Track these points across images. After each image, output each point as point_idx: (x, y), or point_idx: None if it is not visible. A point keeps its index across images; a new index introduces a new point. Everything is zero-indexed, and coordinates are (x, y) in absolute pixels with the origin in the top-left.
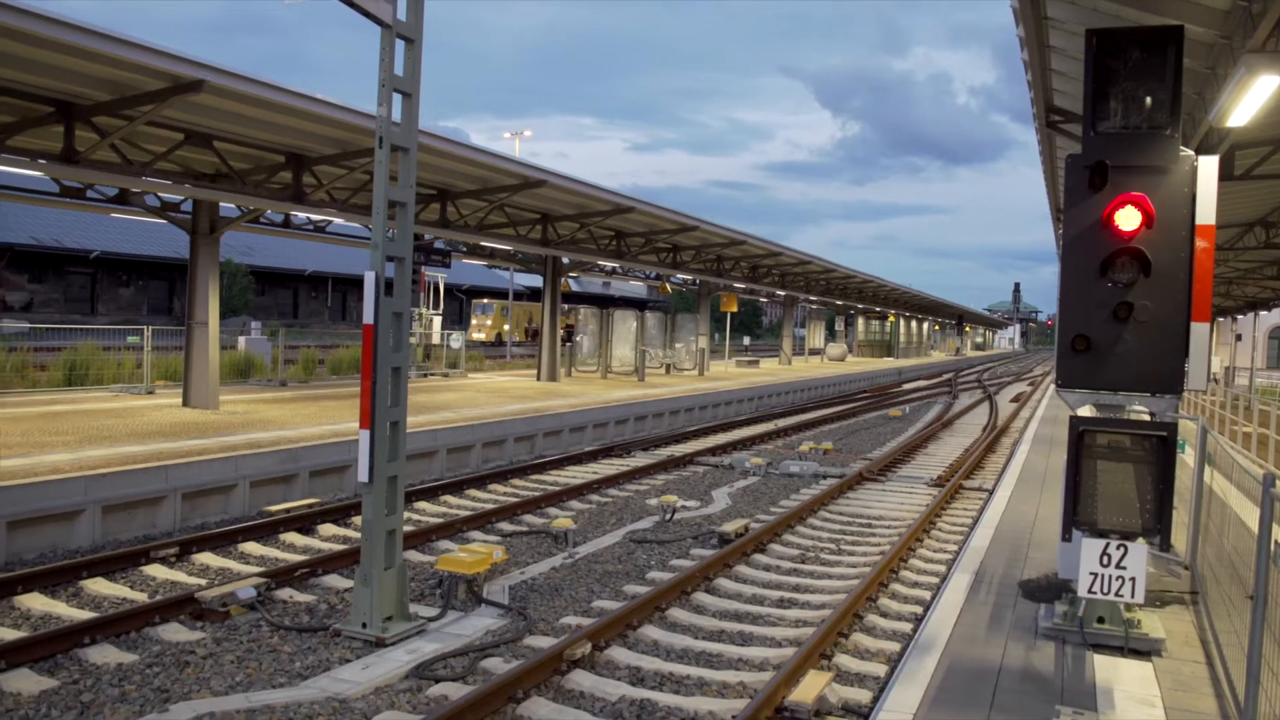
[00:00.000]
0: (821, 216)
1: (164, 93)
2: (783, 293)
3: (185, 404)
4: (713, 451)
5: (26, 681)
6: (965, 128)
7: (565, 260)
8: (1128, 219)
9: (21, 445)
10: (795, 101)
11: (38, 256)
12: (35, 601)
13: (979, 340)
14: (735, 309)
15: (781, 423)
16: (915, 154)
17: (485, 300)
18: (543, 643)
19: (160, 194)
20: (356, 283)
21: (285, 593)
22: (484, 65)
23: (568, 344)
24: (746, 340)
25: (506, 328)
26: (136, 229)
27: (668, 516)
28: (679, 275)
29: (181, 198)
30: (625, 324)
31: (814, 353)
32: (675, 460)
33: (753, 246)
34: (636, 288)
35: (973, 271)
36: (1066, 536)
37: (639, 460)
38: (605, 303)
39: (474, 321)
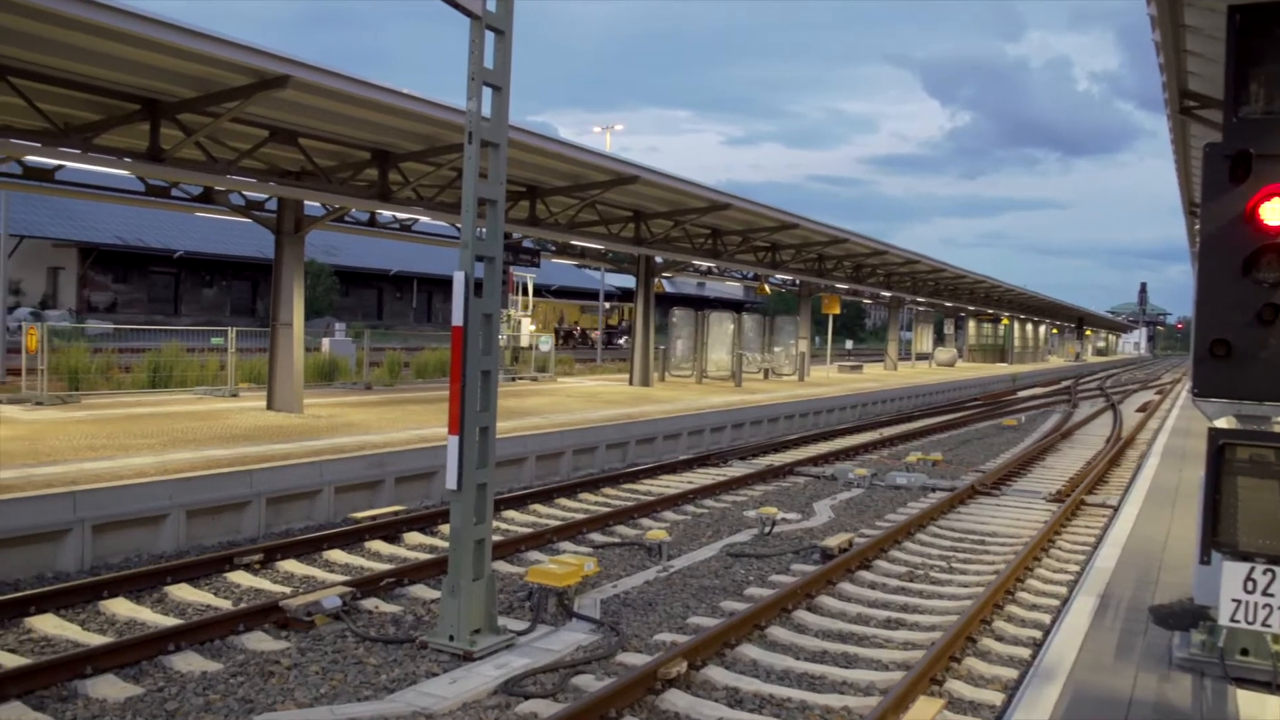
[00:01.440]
0: (928, 212)
1: (249, 89)
2: (888, 294)
3: (269, 407)
4: (814, 461)
5: (112, 688)
6: (1086, 116)
7: (658, 260)
8: (1274, 213)
9: (107, 448)
10: (901, 91)
11: (122, 256)
12: (120, 607)
13: (1100, 345)
14: (837, 311)
15: (887, 432)
16: (1030, 145)
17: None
18: (636, 660)
19: (244, 192)
20: (442, 283)
21: (371, 602)
22: (572, 57)
23: (609, 346)
24: (849, 344)
25: (532, 327)
26: (219, 228)
27: (767, 529)
28: (778, 275)
29: (266, 196)
30: (721, 326)
31: (921, 357)
32: (774, 470)
33: (856, 245)
34: (733, 289)
35: (1093, 271)
36: (1204, 559)
37: (736, 470)
38: (700, 304)
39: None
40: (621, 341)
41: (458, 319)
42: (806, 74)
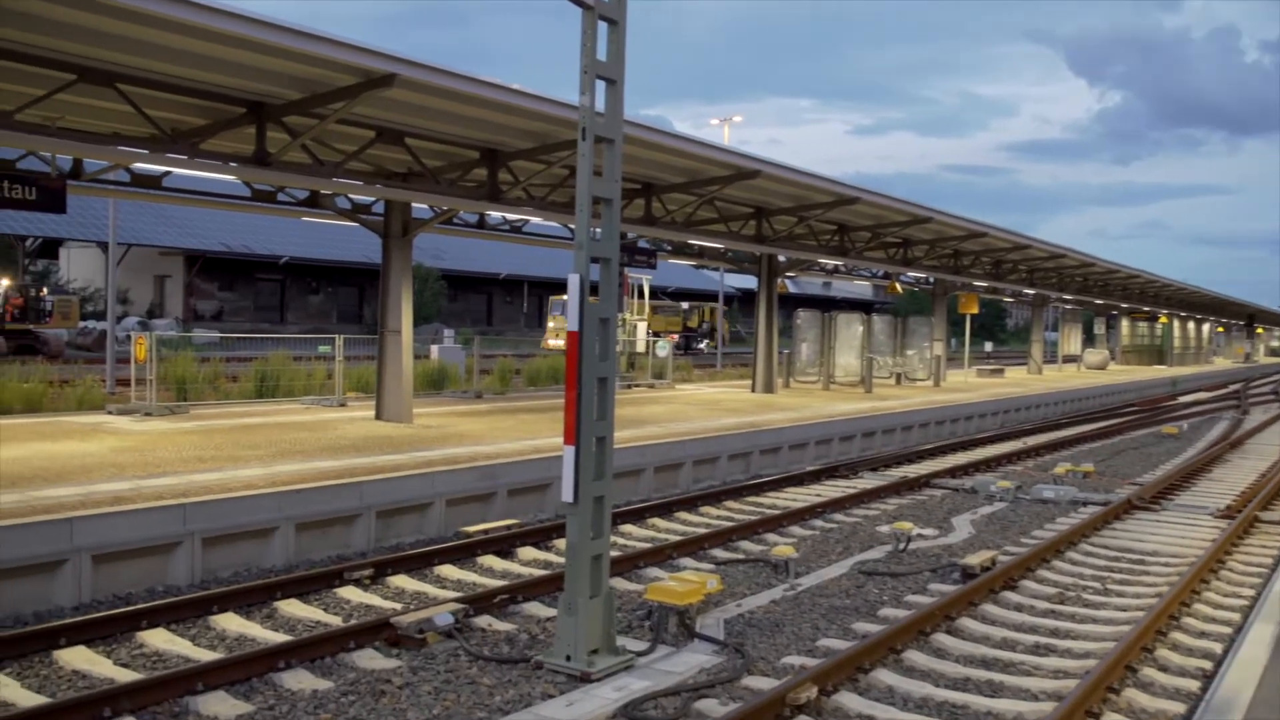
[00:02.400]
0: (1075, 202)
1: (355, 89)
2: (1031, 291)
3: (378, 417)
4: (952, 473)
5: (223, 705)
6: (1255, 91)
7: (781, 258)
8: None
9: (216, 459)
10: (1043, 70)
11: (227, 263)
12: (230, 622)
13: (1275, 344)
14: (975, 310)
15: (1032, 441)
16: (1191, 125)
17: (564, 298)
18: (763, 684)
19: (351, 195)
20: (554, 286)
21: (484, 620)
22: (688, 46)
23: (684, 351)
24: (988, 346)
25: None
26: (325, 233)
27: (901, 546)
28: (910, 273)
29: (372, 199)
30: (849, 329)
31: (1069, 360)
32: (909, 482)
33: (995, 239)
34: (861, 288)
35: (1265, 264)
36: None
37: (867, 482)
38: (826, 305)
39: (550, 325)
40: (702, 346)
41: (573, 324)
42: (938, 56)
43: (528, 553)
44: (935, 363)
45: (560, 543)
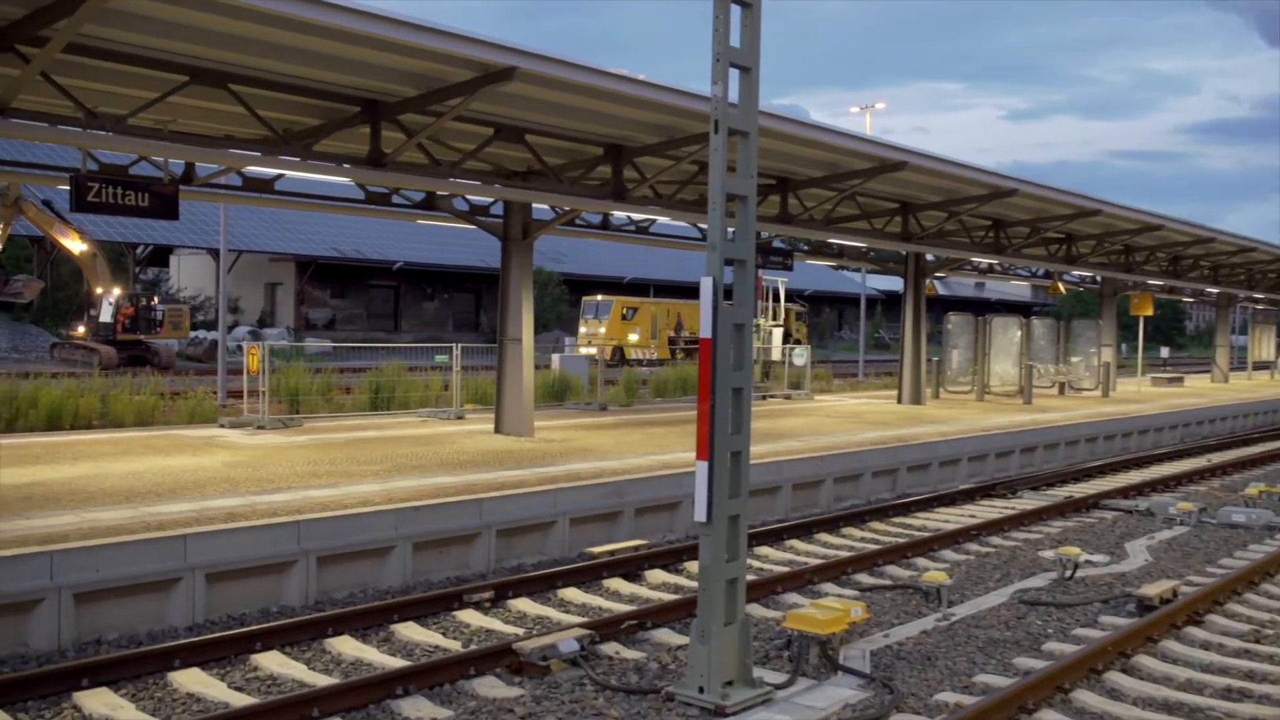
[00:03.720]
0: (1266, 189)
1: (472, 84)
2: (1214, 290)
3: (497, 430)
4: (1124, 493)
5: None
6: None
7: (930, 257)
8: None
9: (330, 474)
10: (1227, 40)
11: (339, 269)
12: (346, 645)
13: None
14: (1149, 312)
15: (1217, 458)
16: None
17: (599, 298)
18: None
19: (468, 196)
20: (682, 291)
21: (611, 647)
22: (823, 28)
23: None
24: (1165, 351)
25: (633, 337)
26: (440, 236)
27: (1067, 574)
28: (1074, 272)
29: (491, 199)
30: (1006, 334)
31: (1260, 366)
32: (1074, 503)
33: (1172, 232)
34: (1018, 289)
35: None
36: None
37: (1027, 502)
38: (979, 308)
39: (582, 330)
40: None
41: (706, 330)
42: (1104, 29)
43: (657, 575)
44: (1103, 370)
45: (692, 565)
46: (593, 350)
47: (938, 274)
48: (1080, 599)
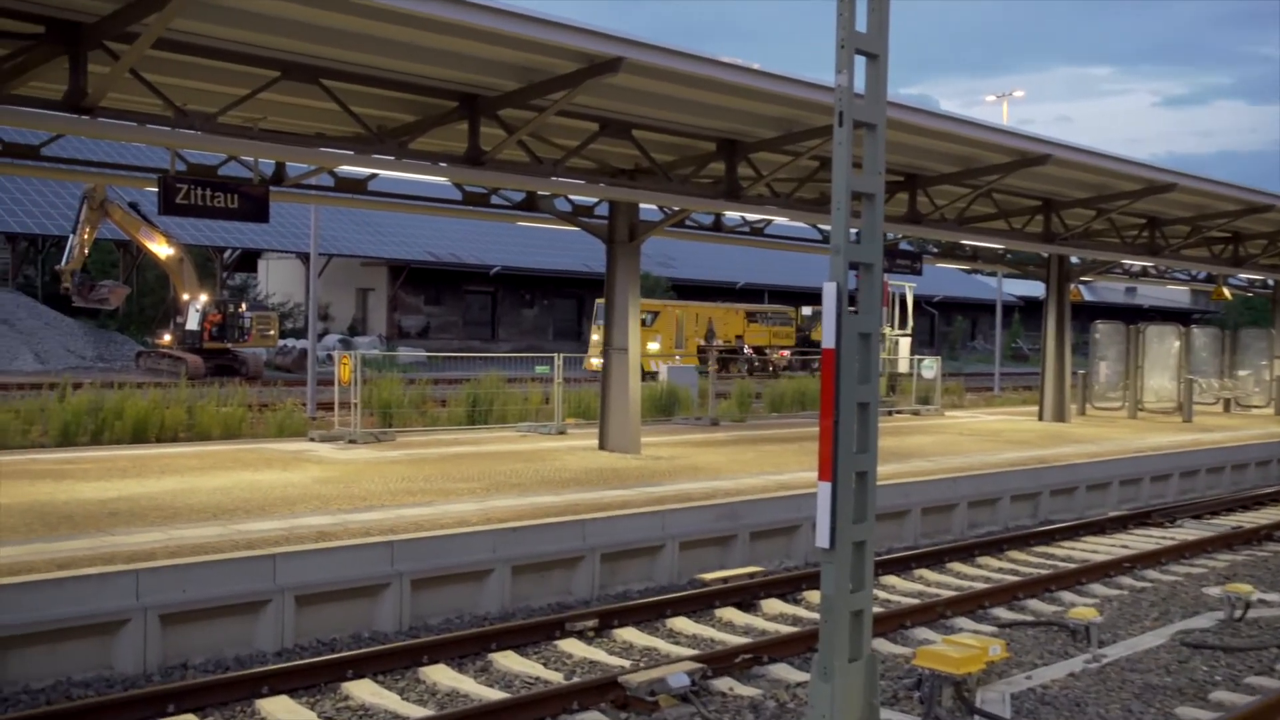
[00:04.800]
0: None
1: (576, 76)
2: None
3: (601, 446)
4: None
5: None
6: None
7: (1075, 260)
8: None
9: (425, 492)
10: None
11: (434, 274)
12: (441, 675)
13: None
14: None
15: None
16: None
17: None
18: None
19: (571, 196)
20: (801, 297)
21: (724, 683)
22: (953, 8)
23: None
24: None
25: (652, 346)
26: (540, 239)
27: (1237, 614)
28: (1241, 275)
29: (595, 200)
30: (1162, 344)
31: None
32: (1244, 534)
33: None
34: (1175, 294)
35: None
36: None
37: (1188, 532)
38: (1131, 316)
39: (593, 337)
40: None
41: (829, 340)
42: (1275, 3)
43: (773, 605)
44: (1276, 385)
45: (812, 595)
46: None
47: (1084, 278)
48: (1253, 643)
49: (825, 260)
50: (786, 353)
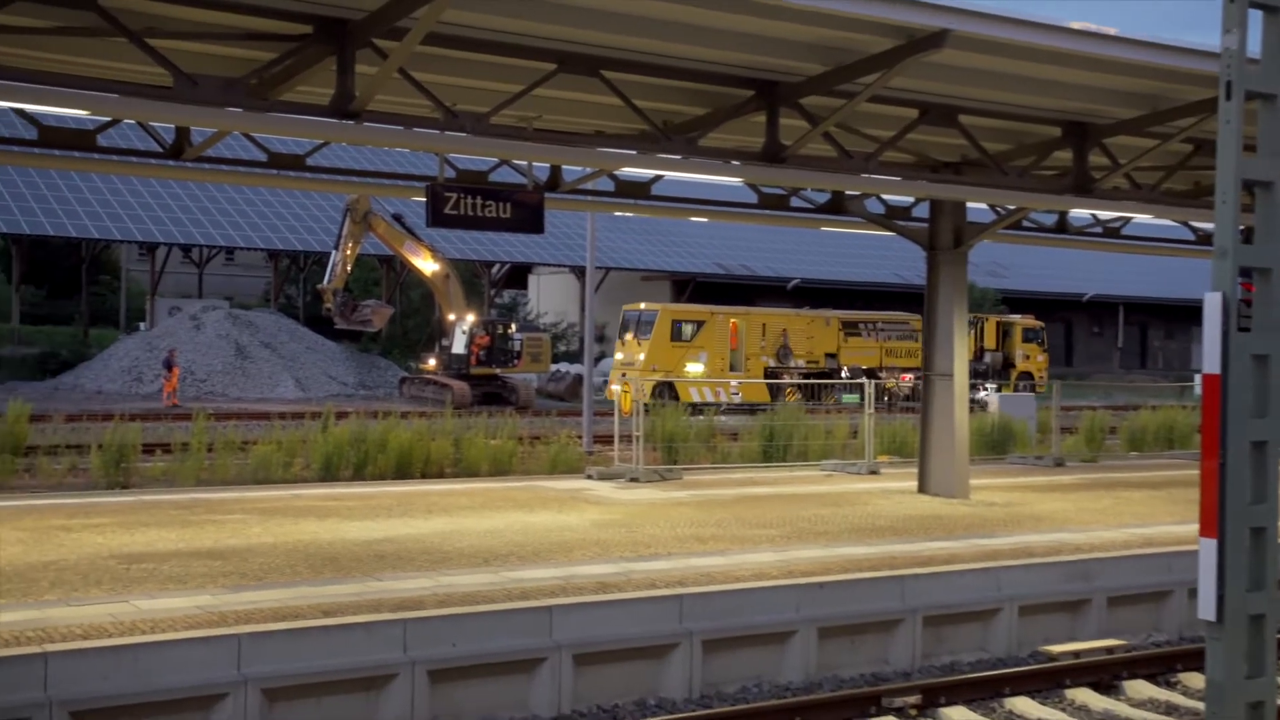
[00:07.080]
0: None
1: (892, 54)
2: None
3: (921, 489)
4: None
5: None
6: None
7: None
8: None
9: (716, 539)
10: None
11: (724, 288)
12: None
13: None
14: None
15: None
16: None
17: (642, 306)
18: None
19: (884, 195)
20: (1170, 312)
21: None
22: None
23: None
24: None
25: (693, 367)
26: (842, 247)
27: None
28: None
29: (912, 199)
30: None
31: None
32: None
33: None
34: None
35: None
36: None
37: None
38: None
39: (618, 355)
40: (988, 389)
41: (1211, 364)
42: None
43: (1140, 689)
44: None
45: (1190, 679)
46: (619, 389)
47: None
48: None
49: (1203, 265)
50: (909, 376)
